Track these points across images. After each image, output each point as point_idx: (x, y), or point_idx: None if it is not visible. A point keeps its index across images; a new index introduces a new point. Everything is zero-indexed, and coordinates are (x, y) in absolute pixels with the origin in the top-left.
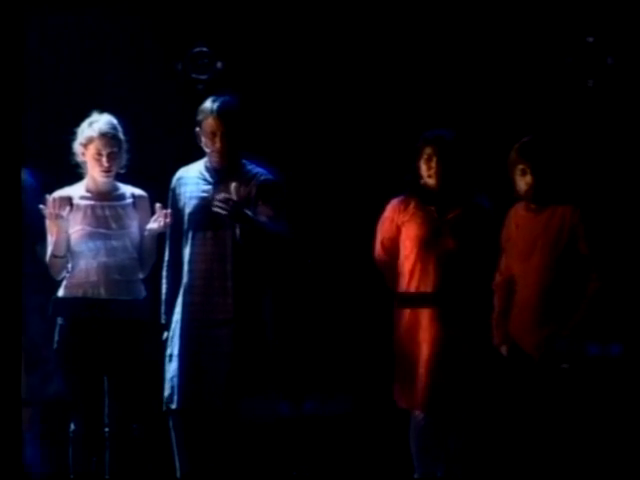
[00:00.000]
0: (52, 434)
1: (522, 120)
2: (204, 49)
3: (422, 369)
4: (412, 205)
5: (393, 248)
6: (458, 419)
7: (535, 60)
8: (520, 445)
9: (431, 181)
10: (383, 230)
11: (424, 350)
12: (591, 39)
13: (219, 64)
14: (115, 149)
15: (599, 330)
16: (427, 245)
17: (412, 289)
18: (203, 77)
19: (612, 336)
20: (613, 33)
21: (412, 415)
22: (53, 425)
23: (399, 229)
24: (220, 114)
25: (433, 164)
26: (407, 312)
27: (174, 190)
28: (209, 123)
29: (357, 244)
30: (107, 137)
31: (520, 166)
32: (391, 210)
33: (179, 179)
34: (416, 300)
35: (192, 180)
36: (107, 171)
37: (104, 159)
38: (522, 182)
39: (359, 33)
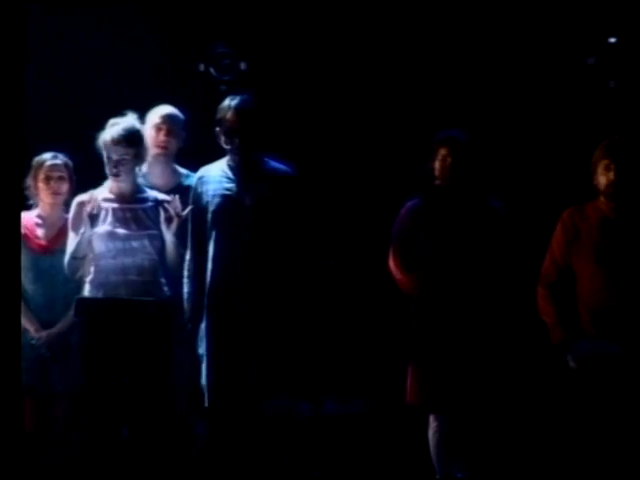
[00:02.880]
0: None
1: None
2: (227, 50)
3: (442, 371)
4: (426, 209)
5: (408, 253)
6: (478, 420)
7: (554, 61)
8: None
9: (445, 182)
10: (398, 235)
11: (443, 352)
12: (613, 40)
13: (242, 65)
14: (125, 156)
15: None
16: (443, 248)
17: (430, 291)
18: (226, 78)
19: None
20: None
21: (431, 417)
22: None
23: (415, 234)
24: (238, 111)
25: (447, 164)
26: (425, 313)
27: (196, 189)
28: (227, 120)
29: (376, 245)
30: (117, 144)
31: (604, 162)
32: (405, 215)
33: (201, 178)
34: (434, 301)
35: (214, 178)
36: (115, 175)
37: (112, 164)
38: (604, 178)
39: (378, 34)
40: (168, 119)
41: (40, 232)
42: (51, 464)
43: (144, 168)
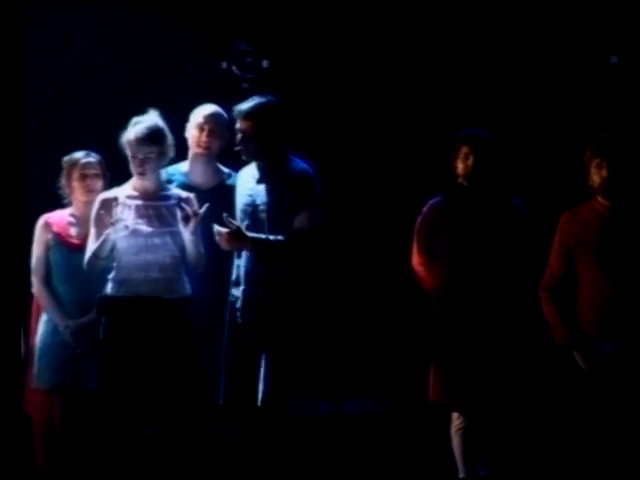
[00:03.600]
0: None
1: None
2: (249, 48)
3: (464, 369)
4: (448, 207)
5: (432, 251)
6: (500, 418)
7: (577, 59)
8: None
9: (467, 180)
10: (420, 233)
11: (466, 350)
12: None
13: (264, 63)
14: (150, 154)
15: None
16: (466, 247)
17: (453, 289)
18: (248, 76)
19: None
20: None
21: (453, 415)
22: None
23: (438, 232)
24: (244, 115)
25: (469, 163)
26: (449, 311)
27: (235, 187)
28: (238, 124)
29: (398, 244)
30: (142, 142)
31: (596, 160)
32: (427, 213)
33: (239, 177)
34: (457, 299)
35: (244, 178)
36: (140, 174)
37: (137, 162)
38: (597, 176)
39: (401, 32)
40: (211, 119)
41: (74, 231)
42: (82, 463)
43: (185, 167)
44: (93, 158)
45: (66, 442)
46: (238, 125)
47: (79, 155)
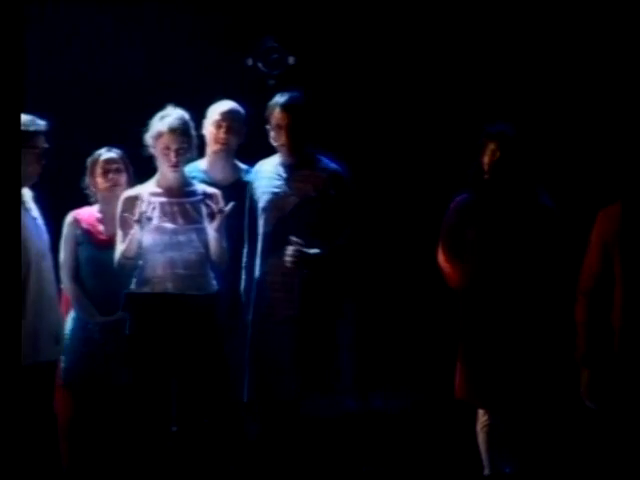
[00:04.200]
0: None
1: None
2: (275, 44)
3: (490, 365)
4: (475, 204)
5: (457, 248)
6: (526, 415)
7: (604, 55)
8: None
9: (494, 177)
10: (447, 230)
11: (492, 346)
12: None
13: (290, 59)
14: (184, 145)
15: None
16: (493, 244)
17: (479, 286)
18: (274, 72)
19: None
20: None
21: (479, 411)
22: None
23: (464, 229)
24: (285, 107)
25: (496, 159)
26: (475, 309)
27: (252, 183)
28: (275, 116)
29: (425, 240)
30: (176, 132)
31: None
32: (454, 210)
33: (256, 173)
34: (483, 296)
35: (266, 174)
36: (174, 166)
37: (172, 154)
38: None
39: (427, 29)
40: (228, 116)
41: (102, 227)
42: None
43: (204, 164)
44: (114, 153)
45: (90, 438)
46: (277, 117)
47: (100, 151)
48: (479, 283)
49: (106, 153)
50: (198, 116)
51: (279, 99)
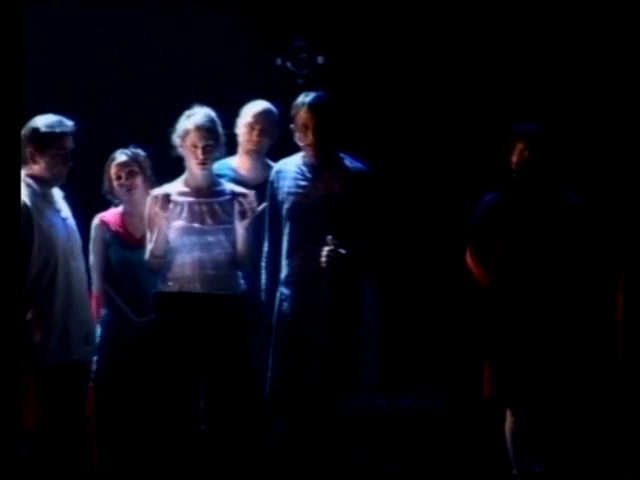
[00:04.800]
0: None
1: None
2: (304, 44)
3: (519, 365)
4: (504, 203)
5: (486, 248)
6: (555, 415)
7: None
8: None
9: (523, 176)
10: (475, 229)
11: (521, 346)
12: None
13: (319, 59)
14: (211, 142)
15: None
16: (521, 243)
17: (507, 286)
18: (303, 72)
19: None
20: None
21: (508, 411)
22: None
23: (492, 229)
24: (312, 106)
25: (525, 159)
26: (502, 308)
27: (273, 183)
28: (301, 116)
29: (453, 240)
30: (203, 130)
31: None
32: (483, 209)
33: (278, 172)
34: (512, 296)
35: (290, 174)
36: (202, 163)
37: (199, 151)
38: None
39: (454, 29)
40: (261, 118)
41: (131, 228)
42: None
43: (234, 162)
44: (125, 156)
45: (121, 439)
46: (303, 116)
47: (113, 155)
48: (507, 282)
49: (118, 157)
50: (227, 116)
51: (305, 99)
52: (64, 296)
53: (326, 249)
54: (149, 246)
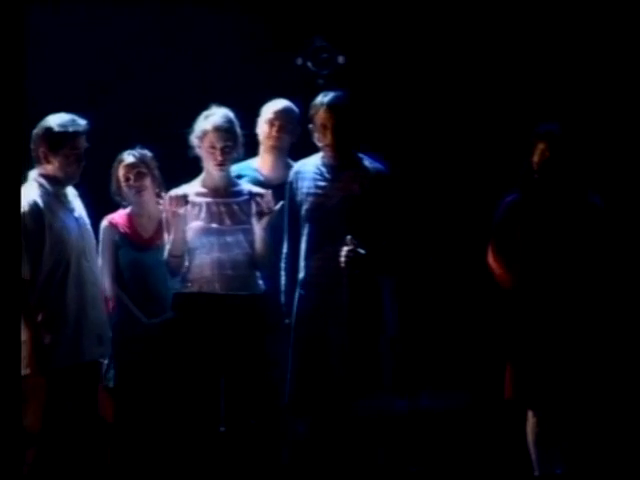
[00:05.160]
0: None
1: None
2: (325, 43)
3: (541, 367)
4: (525, 204)
5: (508, 248)
6: (577, 417)
7: None
8: None
9: (544, 176)
10: (497, 230)
11: (543, 347)
12: None
13: (340, 59)
14: (229, 143)
15: None
16: (543, 243)
17: (530, 286)
18: (324, 72)
19: None
20: None
21: (529, 412)
22: None
23: (514, 229)
24: (331, 106)
25: (546, 159)
26: (525, 309)
27: (292, 184)
28: (320, 116)
29: (475, 241)
30: (221, 130)
31: None
32: (504, 210)
33: (297, 173)
34: (534, 296)
35: (309, 175)
36: (221, 164)
37: (217, 152)
38: None
39: (474, 29)
40: (281, 115)
41: (140, 228)
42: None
43: (256, 162)
44: (133, 157)
45: (137, 441)
46: (322, 116)
47: (121, 156)
48: (529, 283)
49: (126, 158)
50: (247, 116)
51: (323, 99)
52: (76, 297)
53: (345, 249)
54: (167, 246)
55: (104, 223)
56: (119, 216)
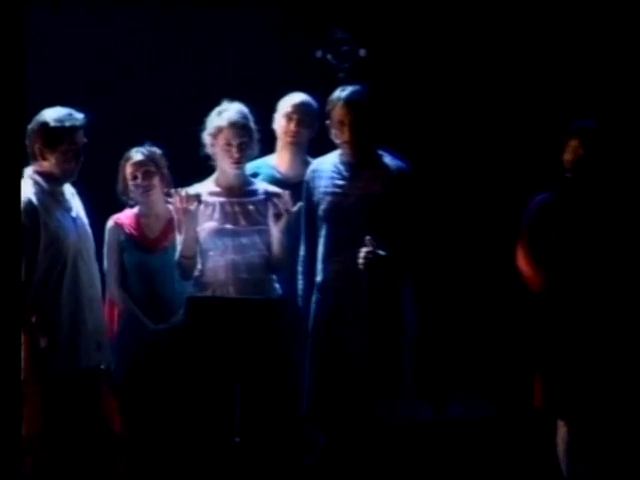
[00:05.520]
0: None
1: None
2: (346, 36)
3: (573, 374)
4: (558, 203)
5: (539, 250)
6: (607, 427)
7: None
8: None
9: (577, 174)
10: (527, 230)
11: (575, 354)
12: None
13: (361, 52)
14: (245, 139)
15: None
16: (577, 245)
17: (560, 290)
18: (344, 65)
19: None
20: None
21: (560, 421)
22: None
23: (545, 230)
24: (348, 102)
25: (579, 157)
26: (557, 314)
27: (308, 183)
28: (337, 112)
29: (503, 242)
30: (237, 127)
31: None
32: (535, 209)
33: (314, 172)
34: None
35: (326, 174)
36: (237, 162)
37: (234, 150)
38: None
39: (502, 22)
40: (299, 109)
41: (147, 229)
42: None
43: (273, 160)
44: (141, 155)
45: (145, 449)
46: (339, 111)
47: (128, 154)
48: (561, 287)
49: (134, 155)
50: (266, 110)
51: (341, 93)
52: (72, 300)
53: (364, 250)
54: (178, 247)
55: (110, 223)
56: (125, 216)
